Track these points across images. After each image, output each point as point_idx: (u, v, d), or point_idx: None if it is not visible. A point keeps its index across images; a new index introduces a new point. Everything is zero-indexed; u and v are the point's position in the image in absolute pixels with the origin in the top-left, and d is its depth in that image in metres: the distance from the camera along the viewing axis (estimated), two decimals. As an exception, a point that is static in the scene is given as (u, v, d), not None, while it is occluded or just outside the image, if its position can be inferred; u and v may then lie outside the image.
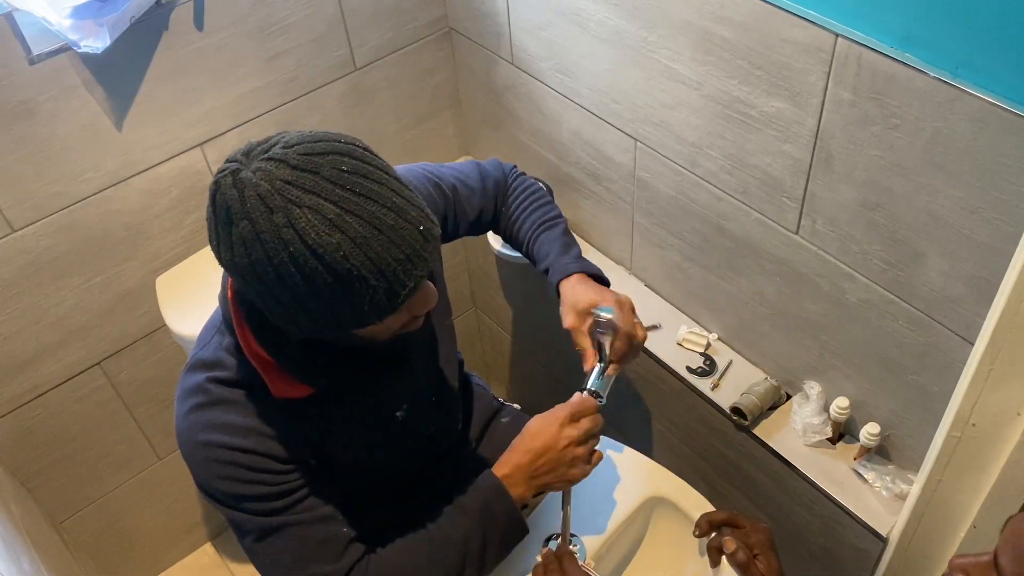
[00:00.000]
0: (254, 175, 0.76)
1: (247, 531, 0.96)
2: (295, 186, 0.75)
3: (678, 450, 1.57)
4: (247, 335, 0.91)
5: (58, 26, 1.18)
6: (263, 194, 0.75)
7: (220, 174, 0.78)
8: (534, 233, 1.21)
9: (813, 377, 1.30)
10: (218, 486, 0.94)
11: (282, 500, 0.95)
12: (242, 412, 0.93)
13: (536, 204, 1.23)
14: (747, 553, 1.01)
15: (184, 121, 1.42)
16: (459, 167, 1.21)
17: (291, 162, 0.76)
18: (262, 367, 0.91)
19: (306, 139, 0.78)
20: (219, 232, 0.78)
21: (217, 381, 0.94)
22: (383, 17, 1.54)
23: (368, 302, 0.79)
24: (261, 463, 0.93)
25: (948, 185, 0.94)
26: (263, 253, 0.76)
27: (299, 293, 0.78)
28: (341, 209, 0.75)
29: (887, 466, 1.25)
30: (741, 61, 1.08)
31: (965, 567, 0.68)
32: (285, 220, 0.75)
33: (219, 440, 0.92)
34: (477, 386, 1.38)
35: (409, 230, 0.79)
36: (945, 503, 1.09)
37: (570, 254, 1.19)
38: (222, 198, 0.77)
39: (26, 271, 1.38)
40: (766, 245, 1.23)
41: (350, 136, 0.81)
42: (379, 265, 0.77)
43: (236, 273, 0.80)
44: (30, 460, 1.57)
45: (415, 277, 0.80)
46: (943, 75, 0.88)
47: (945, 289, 1.02)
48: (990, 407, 0.97)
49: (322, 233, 0.75)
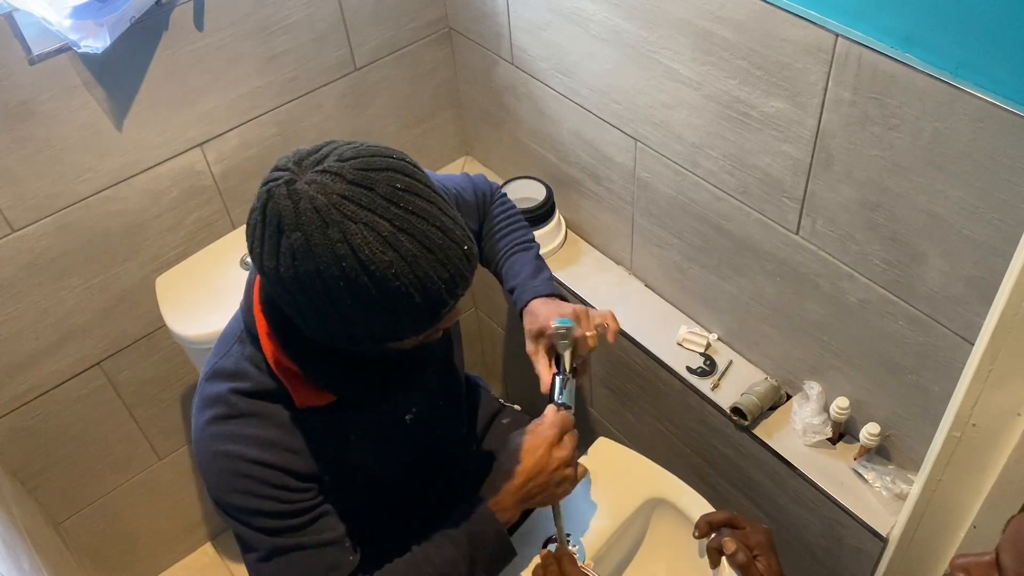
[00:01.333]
0: (309, 187, 0.76)
1: (254, 548, 0.96)
2: (351, 201, 0.75)
3: (678, 450, 1.57)
4: (274, 343, 0.91)
5: (58, 26, 1.18)
6: (319, 207, 0.75)
7: (272, 182, 0.77)
8: (507, 252, 1.22)
9: (813, 377, 1.30)
10: (232, 499, 0.94)
11: (294, 519, 0.95)
12: (263, 425, 0.93)
13: (514, 226, 1.24)
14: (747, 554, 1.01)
15: (184, 121, 1.42)
16: (455, 179, 1.22)
17: (348, 177, 0.76)
18: (286, 377, 0.92)
19: (361, 153, 0.78)
20: (266, 240, 0.78)
21: (239, 392, 0.94)
22: (383, 17, 1.54)
23: (410, 318, 0.80)
24: (278, 478, 0.93)
25: (948, 185, 0.94)
26: (313, 265, 0.76)
27: (342, 306, 0.78)
28: (395, 227, 0.76)
29: (887, 466, 1.24)
30: (741, 61, 1.08)
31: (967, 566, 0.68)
32: (340, 235, 0.75)
33: (239, 452, 0.92)
34: (478, 387, 1.38)
35: (455, 250, 0.79)
36: (945, 503, 1.09)
37: (540, 277, 1.18)
38: (275, 207, 0.76)
39: (26, 271, 1.38)
40: (766, 245, 1.23)
41: (399, 151, 0.82)
42: (426, 283, 0.78)
43: (277, 281, 0.80)
44: (30, 460, 1.57)
45: (456, 295, 0.81)
46: (943, 75, 0.88)
47: (945, 289, 1.02)
48: (990, 407, 0.97)
49: (376, 250, 0.75)
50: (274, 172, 0.79)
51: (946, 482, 1.07)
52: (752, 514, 1.47)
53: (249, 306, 0.94)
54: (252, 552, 0.97)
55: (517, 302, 1.17)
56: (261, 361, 0.93)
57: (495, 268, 1.24)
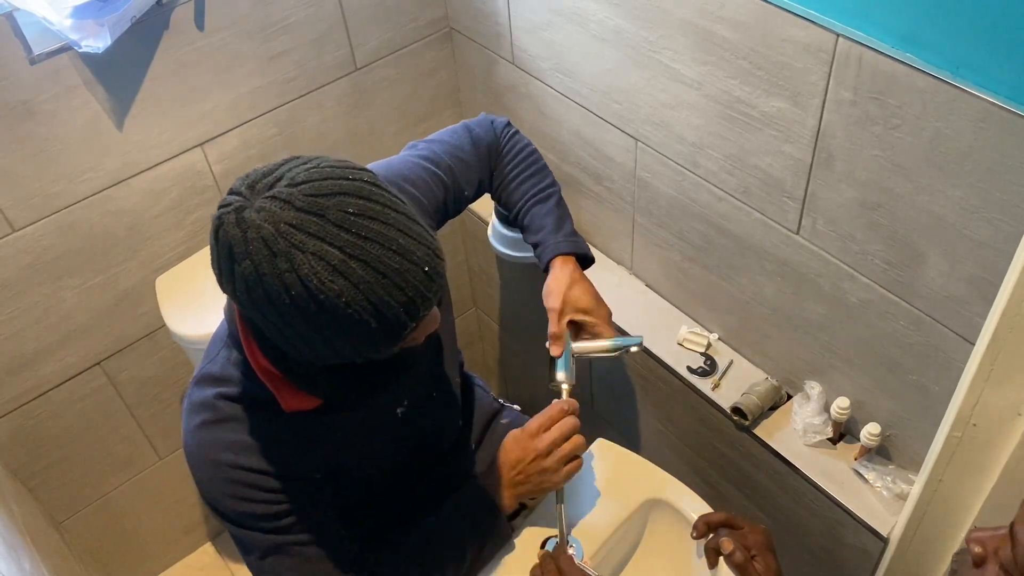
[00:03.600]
0: (258, 215, 0.74)
1: (252, 548, 0.97)
2: (299, 230, 0.73)
3: (678, 450, 1.57)
4: (254, 349, 0.90)
5: (59, 26, 1.18)
6: (266, 237, 0.73)
7: (223, 209, 0.76)
8: (526, 204, 1.21)
9: (814, 377, 1.30)
10: (226, 504, 0.94)
11: (289, 518, 0.96)
12: (250, 430, 0.93)
13: (529, 171, 1.22)
14: (745, 554, 1.01)
15: (185, 121, 1.42)
16: (451, 139, 1.19)
17: (296, 204, 0.74)
18: (270, 381, 0.91)
19: (313, 176, 0.76)
20: (221, 265, 0.77)
21: (225, 397, 0.94)
22: (384, 17, 1.54)
23: (369, 342, 0.79)
24: (268, 483, 0.94)
25: (949, 185, 0.94)
26: (263, 294, 0.75)
27: (300, 329, 0.78)
28: (345, 255, 0.74)
29: (888, 466, 1.24)
30: (742, 61, 1.08)
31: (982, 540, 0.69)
32: (288, 265, 0.73)
33: (230, 460, 0.92)
34: (477, 387, 1.38)
35: (414, 271, 0.77)
36: (946, 503, 1.09)
37: (563, 231, 1.19)
38: (224, 235, 0.75)
39: (27, 271, 1.38)
40: (767, 245, 1.23)
41: (358, 169, 0.79)
42: (381, 309, 0.76)
43: (239, 303, 0.80)
44: (31, 460, 1.57)
45: (418, 317, 0.80)
46: (944, 75, 0.87)
47: (946, 289, 1.02)
48: (991, 407, 0.97)
49: (324, 280, 0.74)
50: (227, 196, 0.77)
51: (947, 482, 1.07)
52: (752, 514, 1.47)
53: (231, 310, 0.93)
54: (251, 552, 0.97)
55: (540, 258, 1.19)
56: (246, 366, 0.93)
57: (514, 219, 1.24)
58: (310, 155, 0.80)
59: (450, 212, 1.17)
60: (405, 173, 1.11)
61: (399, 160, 1.15)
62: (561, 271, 1.16)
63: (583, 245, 1.20)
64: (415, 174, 1.12)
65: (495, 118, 1.25)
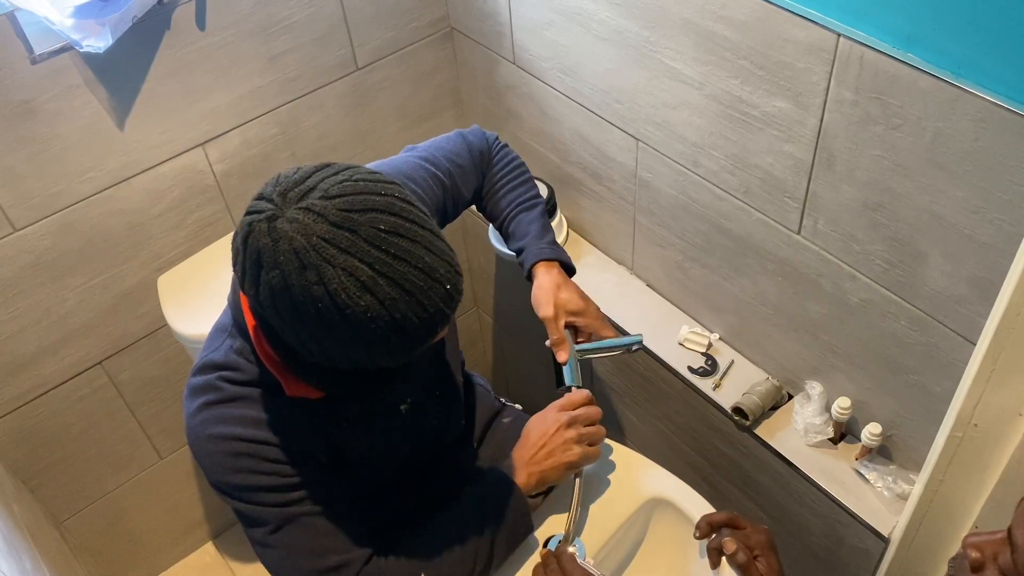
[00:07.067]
0: (290, 226, 0.75)
1: (261, 523, 0.96)
2: (332, 244, 0.74)
3: (679, 450, 1.57)
4: (261, 338, 0.91)
5: (60, 25, 1.18)
6: (298, 249, 0.74)
7: (254, 216, 0.77)
8: (513, 211, 1.23)
9: (815, 377, 1.30)
10: (231, 479, 0.93)
11: (296, 492, 0.95)
12: (255, 407, 0.94)
13: (517, 181, 1.24)
14: (747, 554, 1.01)
15: (186, 120, 1.42)
16: (449, 146, 1.20)
17: (330, 218, 0.75)
18: (276, 368, 0.92)
19: (347, 191, 0.77)
20: (247, 270, 0.78)
21: (228, 380, 0.94)
22: (385, 17, 1.54)
23: (387, 353, 0.80)
24: (274, 453, 0.93)
25: (950, 185, 0.94)
26: (289, 302, 0.76)
27: (319, 337, 0.79)
28: (374, 271, 0.75)
29: (889, 466, 1.24)
30: (743, 61, 1.08)
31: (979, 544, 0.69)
32: (317, 277, 0.74)
33: (231, 433, 0.92)
34: (479, 386, 1.38)
35: (436, 289, 0.78)
36: (947, 503, 1.09)
37: (546, 239, 1.21)
38: (255, 242, 0.76)
39: (28, 270, 1.38)
40: (768, 245, 1.23)
41: (389, 184, 0.80)
42: (403, 325, 0.77)
43: (258, 305, 0.80)
44: (32, 459, 1.57)
45: (436, 333, 0.81)
46: (945, 75, 0.88)
47: (947, 289, 1.02)
48: (992, 407, 0.97)
49: (352, 295, 0.75)
50: (257, 202, 0.78)
51: (948, 482, 1.07)
52: (753, 514, 1.47)
53: (237, 300, 0.94)
54: (259, 527, 0.96)
55: (524, 263, 1.21)
56: (250, 354, 0.93)
57: (499, 226, 1.25)
58: (342, 164, 0.81)
59: (449, 214, 1.18)
60: (407, 172, 1.12)
61: (401, 160, 1.16)
62: (545, 277, 1.18)
63: (566, 255, 1.22)
64: (417, 173, 1.13)
65: (486, 131, 1.28)
